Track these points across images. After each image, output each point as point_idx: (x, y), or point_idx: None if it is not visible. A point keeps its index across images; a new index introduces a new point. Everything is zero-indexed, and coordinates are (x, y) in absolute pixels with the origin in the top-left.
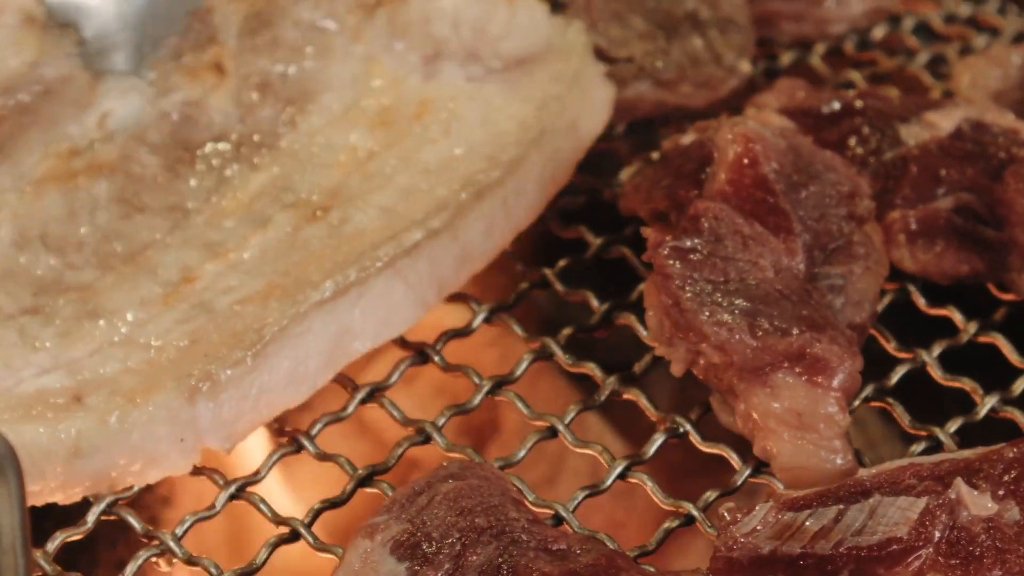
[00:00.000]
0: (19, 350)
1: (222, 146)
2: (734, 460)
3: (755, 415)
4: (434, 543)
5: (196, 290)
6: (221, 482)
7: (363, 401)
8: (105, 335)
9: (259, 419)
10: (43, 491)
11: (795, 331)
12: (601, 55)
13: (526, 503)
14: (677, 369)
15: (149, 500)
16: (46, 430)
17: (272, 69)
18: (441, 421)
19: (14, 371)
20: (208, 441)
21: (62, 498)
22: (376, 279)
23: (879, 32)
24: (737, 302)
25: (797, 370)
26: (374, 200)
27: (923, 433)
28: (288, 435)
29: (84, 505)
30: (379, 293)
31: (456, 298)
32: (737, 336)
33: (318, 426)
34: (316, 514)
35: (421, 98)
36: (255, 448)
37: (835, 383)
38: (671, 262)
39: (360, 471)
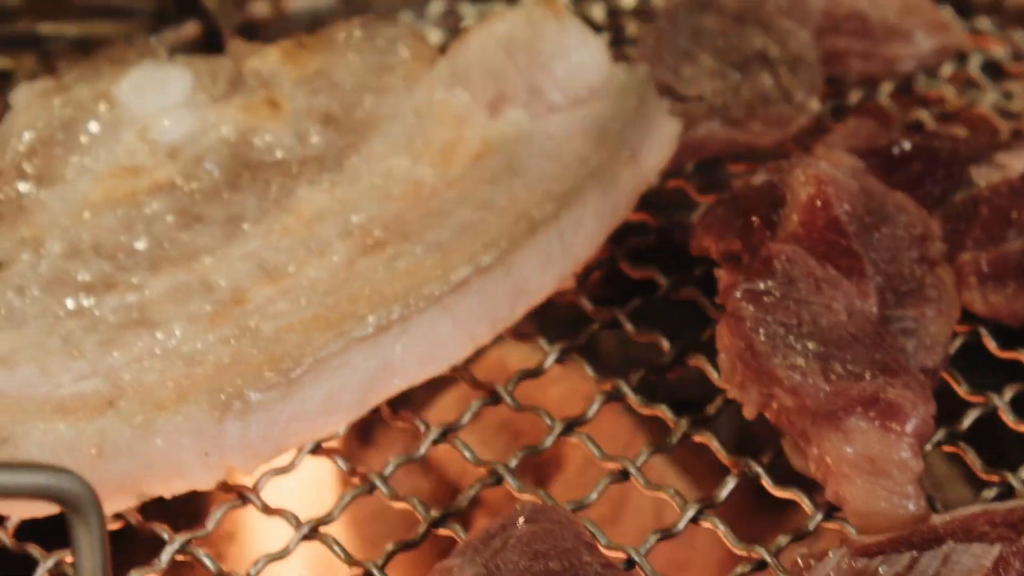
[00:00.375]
0: (60, 357)
1: (283, 167)
2: (806, 504)
3: (828, 459)
4: None
5: (245, 312)
6: (294, 522)
7: (435, 441)
8: (147, 346)
9: (285, 445)
10: None
11: (868, 375)
12: (671, 92)
13: (598, 546)
14: (749, 412)
15: (222, 540)
16: (70, 428)
17: (331, 104)
18: (513, 463)
19: (52, 376)
20: (231, 459)
21: None
22: (421, 316)
23: (947, 70)
24: (810, 345)
25: (870, 415)
26: (430, 236)
27: (995, 478)
28: (360, 475)
29: (158, 544)
30: (424, 330)
31: (525, 336)
32: (810, 380)
33: (390, 466)
34: (389, 556)
35: (482, 137)
36: (326, 488)
37: (908, 428)
38: (744, 305)
39: (433, 513)
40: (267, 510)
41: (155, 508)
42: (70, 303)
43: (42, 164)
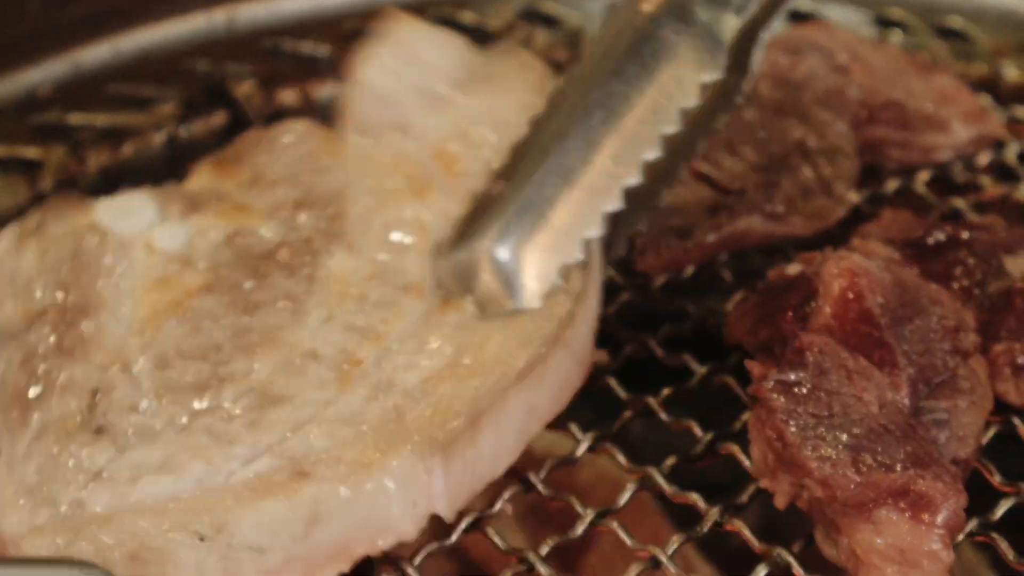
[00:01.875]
0: (216, 449)
1: (291, 248)
2: None
3: (858, 550)
4: None
5: (367, 372)
6: None
7: (466, 530)
8: (295, 418)
9: (473, 490)
10: (284, 570)
11: (899, 467)
12: (713, 185)
13: None
14: (781, 502)
15: None
16: (279, 503)
17: (292, 193)
18: (544, 551)
19: (219, 467)
20: (438, 507)
21: None
22: (555, 352)
23: (984, 159)
24: (841, 436)
25: (901, 506)
26: None
27: None
28: (391, 563)
29: None
30: (554, 368)
31: (557, 424)
32: (841, 471)
33: (421, 555)
34: None
35: (431, 150)
36: None
37: (939, 520)
38: (775, 396)
39: None
40: None
41: None
42: (194, 405)
43: (79, 296)
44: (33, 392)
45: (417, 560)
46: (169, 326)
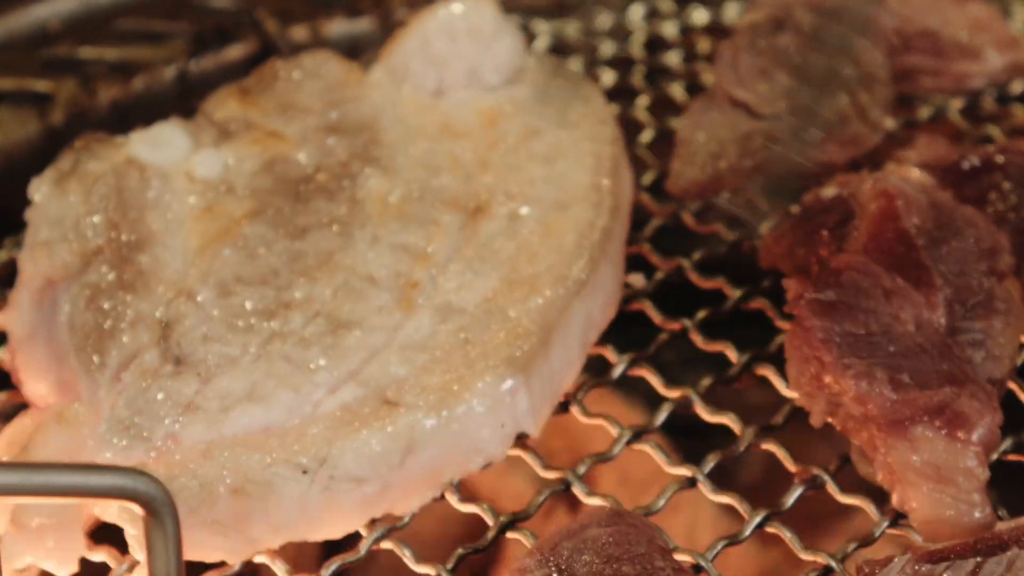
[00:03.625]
0: (299, 376)
1: (329, 172)
2: (872, 512)
3: (894, 467)
4: None
5: (425, 292)
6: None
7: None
8: (368, 344)
9: (552, 404)
10: (381, 499)
11: (935, 385)
12: (748, 110)
13: (670, 551)
14: (817, 420)
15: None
16: (375, 434)
17: (323, 120)
18: (582, 469)
19: (306, 395)
20: (524, 425)
21: (398, 508)
22: (601, 264)
23: (1017, 87)
24: (878, 355)
25: (937, 424)
26: (524, 191)
27: None
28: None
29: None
30: (601, 280)
31: (595, 346)
32: (877, 389)
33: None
34: (460, 559)
35: (480, 109)
36: None
37: (975, 437)
38: (812, 314)
39: (502, 517)
40: None
41: None
42: (264, 331)
43: (130, 231)
44: (104, 330)
45: (455, 481)
46: (224, 254)
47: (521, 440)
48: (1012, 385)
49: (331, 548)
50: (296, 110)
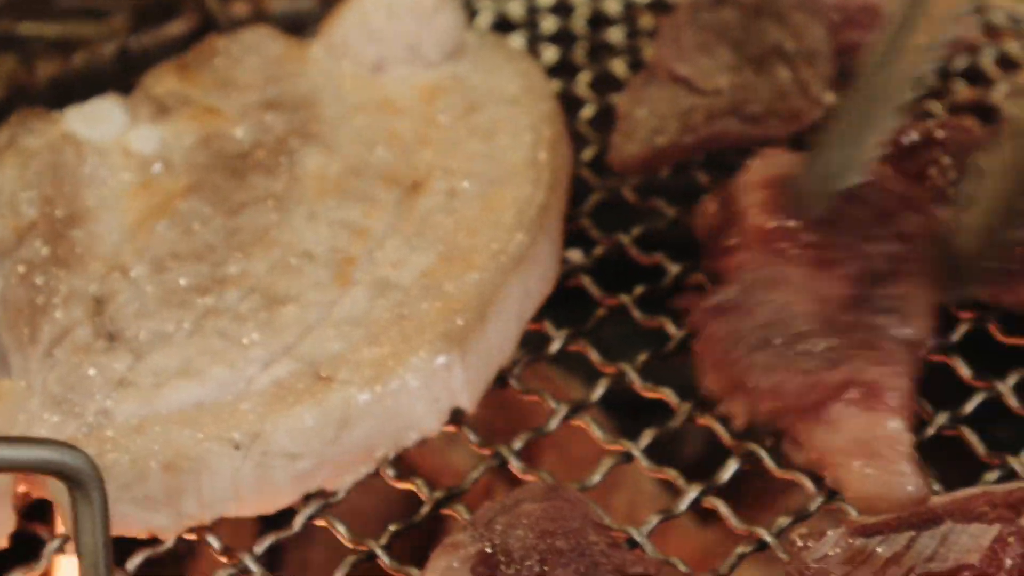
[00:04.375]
0: (233, 352)
1: (267, 148)
2: (808, 486)
3: (820, 452)
4: (513, 564)
5: (362, 268)
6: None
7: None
8: (303, 319)
9: (488, 379)
10: (315, 475)
11: (844, 361)
12: (689, 86)
13: (604, 526)
14: (740, 423)
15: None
16: (308, 409)
17: (261, 96)
18: (517, 445)
19: (240, 371)
20: (459, 400)
21: (332, 483)
22: (539, 239)
23: (960, 63)
24: (781, 345)
25: (850, 398)
26: (462, 167)
27: (997, 462)
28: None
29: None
30: (539, 255)
31: (533, 322)
32: (785, 377)
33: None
34: (394, 535)
35: (419, 85)
36: None
37: (890, 402)
38: (711, 320)
39: (437, 493)
40: None
41: None
42: (198, 307)
43: (65, 206)
44: (37, 306)
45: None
46: (159, 230)
47: (459, 416)
48: (949, 361)
49: (269, 524)
50: (234, 86)
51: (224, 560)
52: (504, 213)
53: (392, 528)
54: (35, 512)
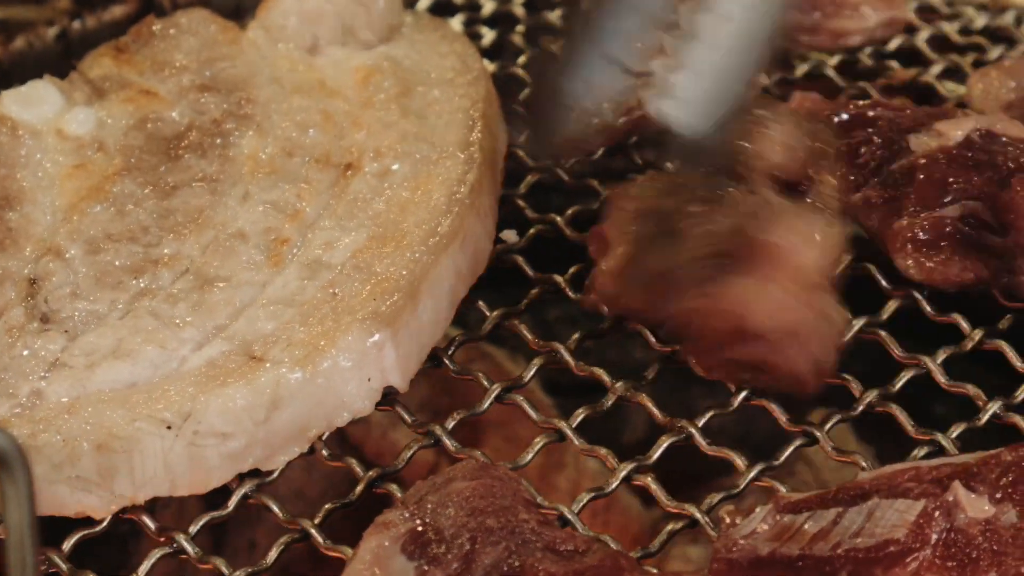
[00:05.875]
0: (165, 332)
1: (201, 130)
2: (739, 464)
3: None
4: (444, 543)
5: (294, 249)
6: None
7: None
8: (237, 300)
9: (420, 359)
10: (247, 454)
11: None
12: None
13: (535, 504)
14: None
15: (162, 503)
16: (242, 388)
17: (197, 78)
18: (451, 424)
19: (172, 352)
20: (391, 379)
21: (265, 463)
22: (470, 219)
23: (895, 43)
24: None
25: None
26: (395, 148)
27: (926, 438)
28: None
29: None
30: (471, 234)
31: (464, 304)
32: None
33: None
34: (327, 515)
35: (354, 67)
36: None
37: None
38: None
39: (371, 472)
40: None
41: None
42: (132, 288)
43: (0, 188)
44: None
45: (324, 435)
46: (94, 211)
47: (395, 395)
48: (880, 339)
49: (209, 504)
50: (171, 68)
51: (161, 540)
52: (435, 193)
53: (327, 507)
54: None
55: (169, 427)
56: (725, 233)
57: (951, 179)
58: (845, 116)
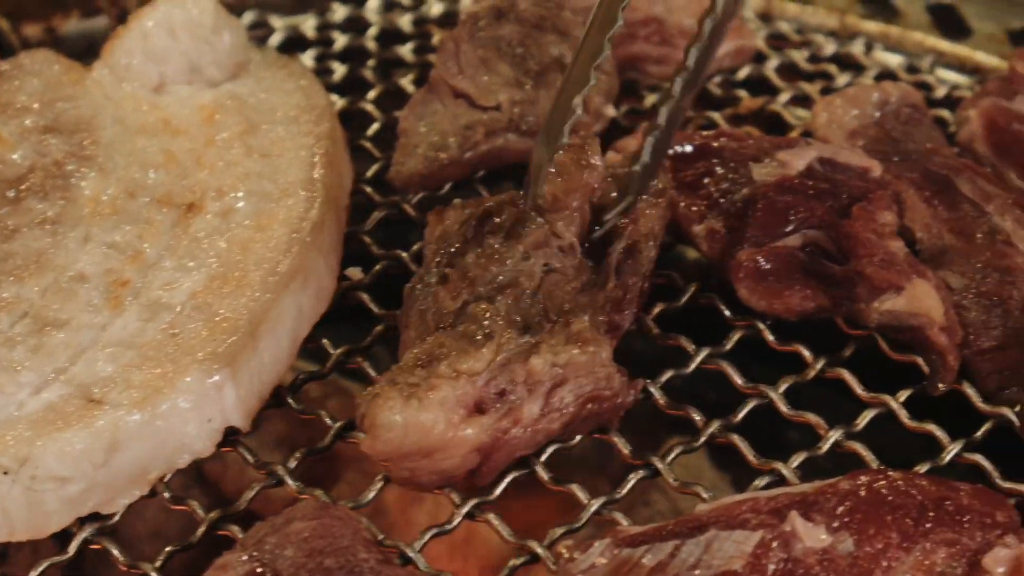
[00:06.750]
0: (3, 376)
1: (44, 172)
2: (580, 497)
3: None
4: None
5: (135, 290)
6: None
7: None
8: (76, 342)
9: (262, 398)
10: (86, 498)
11: None
12: (470, 102)
13: (375, 544)
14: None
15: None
16: (77, 433)
17: (40, 120)
18: (292, 464)
19: (10, 396)
20: (232, 419)
21: (105, 507)
22: (312, 257)
23: (744, 72)
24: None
25: None
26: (237, 187)
27: (766, 468)
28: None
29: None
30: (312, 272)
31: (311, 339)
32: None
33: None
34: (169, 556)
35: (199, 105)
36: None
37: None
38: None
39: (212, 514)
40: None
41: None
42: None
43: None
44: None
45: (167, 478)
46: None
47: (239, 434)
48: (724, 369)
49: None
50: (13, 110)
51: None
52: (277, 231)
53: (168, 549)
54: None
55: (6, 472)
56: None
57: (792, 208)
58: (687, 148)
